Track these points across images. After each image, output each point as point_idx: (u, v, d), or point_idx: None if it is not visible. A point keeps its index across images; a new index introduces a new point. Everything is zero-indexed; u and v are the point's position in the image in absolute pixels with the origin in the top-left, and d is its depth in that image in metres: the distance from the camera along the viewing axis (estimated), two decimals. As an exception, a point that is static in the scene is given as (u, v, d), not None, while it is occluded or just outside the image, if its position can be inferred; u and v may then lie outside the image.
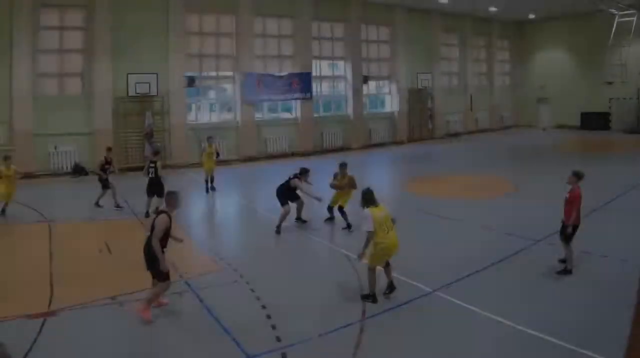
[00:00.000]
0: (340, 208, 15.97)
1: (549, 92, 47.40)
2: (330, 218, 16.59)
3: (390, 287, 10.67)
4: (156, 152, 19.15)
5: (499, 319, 9.21)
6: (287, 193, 15.86)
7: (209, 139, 23.24)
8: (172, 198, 10.02)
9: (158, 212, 9.99)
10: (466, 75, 45.41)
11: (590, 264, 12.18)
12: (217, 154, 23.05)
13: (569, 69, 46.08)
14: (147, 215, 17.59)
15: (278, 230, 15.52)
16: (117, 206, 18.95)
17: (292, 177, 15.84)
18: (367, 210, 10.28)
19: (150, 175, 17.90)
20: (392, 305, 10.05)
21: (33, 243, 14.82)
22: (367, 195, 10.54)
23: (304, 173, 15.97)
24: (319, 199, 15.37)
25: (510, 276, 11.61)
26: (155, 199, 17.64)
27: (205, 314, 9.83)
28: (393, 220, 10.56)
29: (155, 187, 17.76)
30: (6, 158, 17.91)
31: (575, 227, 11.47)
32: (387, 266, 10.65)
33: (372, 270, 10.29)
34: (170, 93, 29.43)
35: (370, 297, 10.25)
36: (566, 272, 11.43)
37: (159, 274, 9.71)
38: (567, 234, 11.45)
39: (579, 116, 45.04)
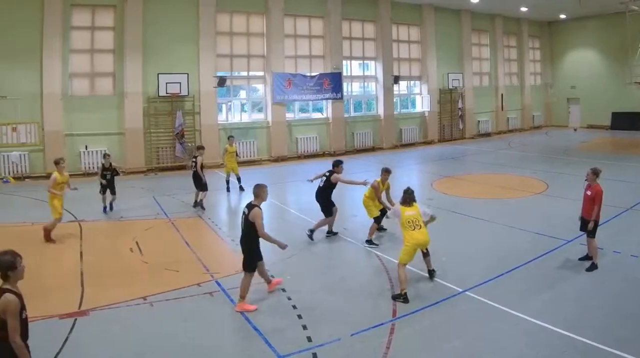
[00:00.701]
0: (383, 211, 14.39)
1: (580, 92, 45.89)
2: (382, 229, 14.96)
3: (430, 274, 11.19)
4: (199, 147, 19.56)
5: (530, 319, 9.00)
6: (329, 195, 14.55)
7: (230, 138, 22.86)
8: (261, 191, 10.17)
9: (250, 206, 9.97)
10: (497, 75, 43.85)
11: (621, 264, 11.87)
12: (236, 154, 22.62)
13: (599, 68, 44.51)
14: (195, 205, 18.50)
15: (311, 235, 14.46)
16: (105, 209, 18.13)
17: (328, 174, 14.53)
18: (398, 206, 10.90)
19: (192, 169, 18.75)
20: (422, 305, 9.77)
21: (64, 243, 14.37)
22: (406, 194, 10.96)
23: (337, 164, 14.68)
24: (364, 183, 14.21)
25: (541, 276, 11.27)
26: (199, 192, 18.60)
27: (237, 314, 9.61)
28: (433, 217, 11.15)
29: (194, 180, 18.62)
30: (58, 162, 15.18)
31: (596, 223, 11.46)
32: (426, 256, 11.23)
33: (401, 267, 10.39)
34: (201, 93, 28.55)
35: (401, 297, 10.11)
36: (593, 267, 11.38)
37: (249, 266, 10.01)
38: (590, 229, 11.47)
39: (609, 116, 43.43)
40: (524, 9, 41.34)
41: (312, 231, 14.52)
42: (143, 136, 27.13)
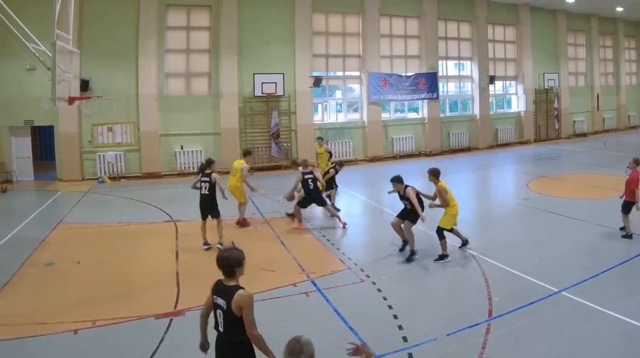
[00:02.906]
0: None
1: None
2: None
3: (465, 242, 11.20)
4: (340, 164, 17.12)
5: (626, 319, 7.65)
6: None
7: (319, 139, 19.34)
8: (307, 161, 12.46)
9: (309, 172, 12.72)
10: (592, 75, 36.79)
11: None
12: (330, 154, 18.41)
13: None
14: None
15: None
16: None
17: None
18: (441, 184, 10.64)
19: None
20: (518, 305, 8.34)
21: (160, 243, 12.66)
22: (438, 171, 10.87)
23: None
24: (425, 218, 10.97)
25: (637, 276, 9.74)
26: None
27: (332, 314, 8.32)
28: None
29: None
30: (250, 152, 14.72)
31: (629, 203, 11.74)
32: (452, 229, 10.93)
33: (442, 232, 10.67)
34: (296, 93, 24.18)
35: (445, 256, 10.60)
36: (627, 236, 11.70)
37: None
38: (623, 207, 11.86)
39: None
40: (619, 9, 34.29)
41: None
42: (239, 136, 23.14)
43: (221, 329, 4.98)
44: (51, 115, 19.99)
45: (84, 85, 19.59)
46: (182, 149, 22.31)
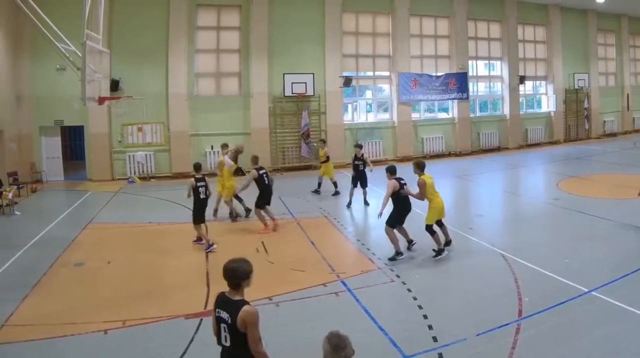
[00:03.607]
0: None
1: None
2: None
3: (447, 243, 10.58)
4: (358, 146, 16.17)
5: None
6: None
7: (321, 141, 18.52)
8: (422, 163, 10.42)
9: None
10: (623, 75, 34.75)
11: None
12: (327, 158, 17.30)
13: None
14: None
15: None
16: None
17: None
18: (423, 177, 10.13)
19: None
20: (549, 305, 7.85)
21: (190, 243, 11.95)
22: (423, 164, 10.37)
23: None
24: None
25: None
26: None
27: (362, 314, 7.94)
28: None
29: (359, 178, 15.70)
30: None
31: None
32: (442, 226, 10.56)
33: (430, 227, 10.25)
34: (326, 93, 22.91)
35: (441, 251, 10.22)
36: None
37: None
38: None
39: None
40: (649, 9, 32.01)
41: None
42: (269, 136, 22.00)
43: (227, 344, 4.48)
44: (81, 115, 19.16)
45: (114, 85, 18.81)
46: (212, 149, 21.16)
